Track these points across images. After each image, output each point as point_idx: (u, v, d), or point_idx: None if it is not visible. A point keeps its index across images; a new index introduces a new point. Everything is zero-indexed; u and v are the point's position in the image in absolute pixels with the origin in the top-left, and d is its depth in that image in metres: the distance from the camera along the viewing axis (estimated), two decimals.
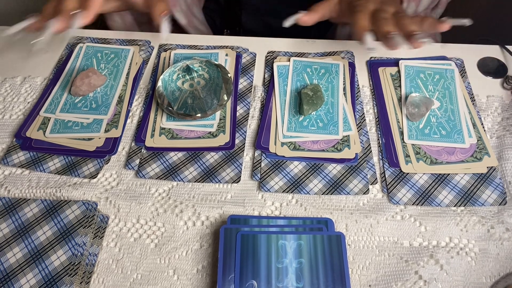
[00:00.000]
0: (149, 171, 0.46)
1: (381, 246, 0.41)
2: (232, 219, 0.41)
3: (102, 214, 0.43)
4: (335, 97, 0.51)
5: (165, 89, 0.49)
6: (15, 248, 0.39)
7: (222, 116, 0.50)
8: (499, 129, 0.49)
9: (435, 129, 0.48)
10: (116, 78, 0.54)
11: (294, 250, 0.38)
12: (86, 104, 0.51)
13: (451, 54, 0.56)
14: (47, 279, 0.38)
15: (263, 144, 0.47)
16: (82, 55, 0.56)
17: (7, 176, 0.47)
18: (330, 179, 0.45)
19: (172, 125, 0.49)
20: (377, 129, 0.50)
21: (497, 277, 0.40)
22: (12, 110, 0.52)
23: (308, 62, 0.54)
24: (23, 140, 0.48)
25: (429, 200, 0.43)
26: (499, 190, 0.44)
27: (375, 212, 0.43)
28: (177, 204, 0.44)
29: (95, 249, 0.41)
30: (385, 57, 0.56)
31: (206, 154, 0.48)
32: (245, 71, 0.55)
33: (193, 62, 0.50)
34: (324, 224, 0.41)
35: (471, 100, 0.51)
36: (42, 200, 0.42)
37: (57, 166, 0.47)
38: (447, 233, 0.42)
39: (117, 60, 0.56)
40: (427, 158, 0.46)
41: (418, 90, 0.51)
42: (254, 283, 0.37)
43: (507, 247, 0.41)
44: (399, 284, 0.39)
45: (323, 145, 0.47)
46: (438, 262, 0.40)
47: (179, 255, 0.41)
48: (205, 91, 0.48)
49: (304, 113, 0.48)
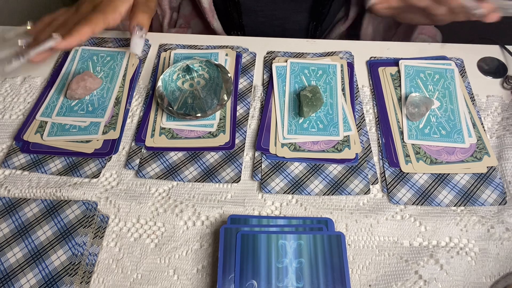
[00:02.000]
0: (149, 171, 0.46)
1: (381, 246, 0.41)
2: (232, 219, 0.41)
3: (102, 214, 0.43)
4: (334, 98, 0.51)
5: (165, 89, 0.49)
6: (15, 248, 0.39)
7: (222, 116, 0.50)
8: (499, 129, 0.49)
9: (435, 129, 0.48)
10: (113, 80, 0.54)
11: (294, 250, 0.38)
12: (83, 107, 0.51)
13: (451, 54, 0.56)
14: (47, 279, 0.38)
15: (263, 145, 0.47)
16: (78, 59, 0.56)
17: (7, 176, 0.47)
18: (331, 180, 0.45)
19: (172, 125, 0.49)
20: (377, 129, 0.50)
21: (497, 276, 0.40)
22: (12, 110, 0.52)
23: (305, 64, 0.54)
24: (22, 143, 0.49)
25: (429, 200, 0.43)
26: (499, 190, 0.44)
27: (375, 212, 0.43)
28: (177, 204, 0.44)
29: (95, 249, 0.41)
30: (385, 57, 0.56)
31: (206, 154, 0.48)
32: (245, 71, 0.55)
33: (193, 62, 0.50)
34: (324, 224, 0.41)
35: (471, 100, 0.51)
36: (42, 200, 0.42)
37: (59, 167, 0.47)
38: (447, 233, 0.42)
39: (113, 62, 0.55)
40: (427, 158, 0.46)
41: (418, 90, 0.51)
42: (254, 283, 0.37)
43: (507, 246, 0.41)
44: (399, 284, 0.39)
45: (323, 145, 0.47)
46: (438, 262, 0.40)
47: (179, 255, 0.41)
48: (205, 91, 0.48)
49: (304, 115, 0.48)
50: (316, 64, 0.54)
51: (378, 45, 0.58)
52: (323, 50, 0.57)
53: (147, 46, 0.58)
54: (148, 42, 0.59)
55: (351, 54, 0.56)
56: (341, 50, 0.57)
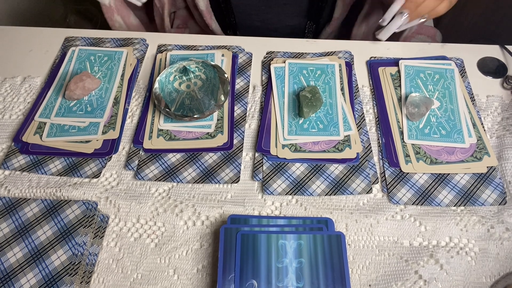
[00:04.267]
0: (148, 173, 0.46)
1: (381, 245, 0.42)
2: (232, 218, 0.41)
3: (102, 213, 0.43)
4: (333, 97, 0.51)
5: (162, 90, 0.48)
6: (15, 248, 0.39)
7: (219, 117, 0.50)
8: (499, 129, 0.49)
9: (435, 129, 0.48)
10: (111, 80, 0.54)
11: (294, 250, 0.38)
12: (81, 107, 0.51)
13: (451, 54, 0.56)
14: (48, 279, 0.38)
15: (264, 147, 0.47)
16: (75, 59, 0.56)
17: (7, 176, 0.47)
18: (333, 180, 0.45)
19: (169, 127, 0.49)
20: (377, 129, 0.50)
21: (497, 276, 0.40)
22: (12, 110, 0.52)
23: (303, 64, 0.54)
24: (21, 144, 0.48)
25: (429, 200, 0.43)
26: (499, 189, 0.44)
27: (375, 212, 0.43)
28: (177, 204, 0.44)
29: (95, 249, 0.41)
30: (385, 57, 0.56)
31: (205, 155, 0.48)
32: (242, 71, 0.55)
33: (190, 63, 0.49)
34: (324, 224, 0.41)
35: (471, 100, 0.51)
36: (42, 200, 0.42)
37: (59, 168, 0.47)
38: (447, 233, 0.42)
39: (110, 62, 0.55)
40: (427, 158, 0.46)
41: (418, 90, 0.51)
42: (254, 282, 0.37)
43: (507, 246, 0.41)
44: (399, 283, 0.39)
45: (324, 145, 0.47)
46: (438, 262, 0.40)
47: (179, 254, 0.41)
48: (202, 92, 0.48)
49: (305, 116, 0.48)
50: (314, 64, 0.54)
51: (378, 45, 0.58)
52: (323, 50, 0.57)
53: (144, 46, 0.58)
54: (145, 42, 0.59)
55: (351, 54, 0.56)
56: (340, 50, 0.57)
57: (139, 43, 0.58)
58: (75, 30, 0.61)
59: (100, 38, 0.59)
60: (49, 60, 0.58)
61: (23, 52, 0.59)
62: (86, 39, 0.59)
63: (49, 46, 0.59)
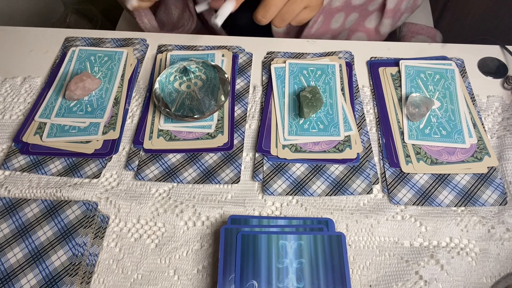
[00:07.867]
0: (148, 174, 0.46)
1: (382, 246, 0.41)
2: (233, 219, 0.41)
3: (103, 214, 0.43)
4: (333, 98, 0.51)
5: (162, 91, 0.48)
6: (15, 248, 0.39)
7: (220, 117, 0.50)
8: (500, 129, 0.49)
9: (435, 129, 0.48)
10: (111, 80, 0.54)
11: (295, 250, 0.38)
12: (82, 108, 0.51)
13: (452, 54, 0.56)
14: (48, 279, 0.38)
15: (264, 147, 0.47)
16: (75, 59, 0.56)
17: (7, 176, 0.47)
18: (333, 180, 0.45)
19: (170, 127, 0.49)
20: (378, 129, 0.49)
21: (497, 277, 0.40)
22: (12, 110, 0.52)
23: (303, 64, 0.54)
24: (22, 144, 0.48)
25: (430, 200, 0.43)
26: (500, 190, 0.44)
27: (376, 212, 0.43)
28: (177, 204, 0.44)
29: (96, 249, 0.41)
30: (385, 57, 0.56)
31: (205, 155, 0.48)
32: (242, 72, 0.55)
33: (190, 63, 0.49)
34: (325, 224, 0.41)
35: (471, 100, 0.51)
36: (43, 200, 0.42)
37: (59, 168, 0.47)
38: (447, 233, 0.42)
39: (111, 62, 0.55)
40: (428, 158, 0.46)
41: (418, 90, 0.51)
42: (255, 283, 0.37)
43: (508, 247, 0.41)
44: (400, 284, 0.39)
45: (325, 146, 0.47)
46: (438, 262, 0.40)
47: (179, 255, 0.41)
48: (203, 92, 0.48)
49: (305, 116, 0.48)
50: (314, 64, 0.54)
51: (379, 45, 0.58)
52: (323, 50, 0.57)
53: (144, 46, 0.58)
54: (146, 42, 0.59)
55: (351, 54, 0.56)
56: (341, 50, 0.57)
57: (139, 43, 0.58)
58: (75, 30, 0.61)
59: (100, 38, 0.59)
60: (49, 60, 0.58)
61: (23, 52, 0.59)
62: (86, 39, 0.59)
63: (49, 46, 0.59)
